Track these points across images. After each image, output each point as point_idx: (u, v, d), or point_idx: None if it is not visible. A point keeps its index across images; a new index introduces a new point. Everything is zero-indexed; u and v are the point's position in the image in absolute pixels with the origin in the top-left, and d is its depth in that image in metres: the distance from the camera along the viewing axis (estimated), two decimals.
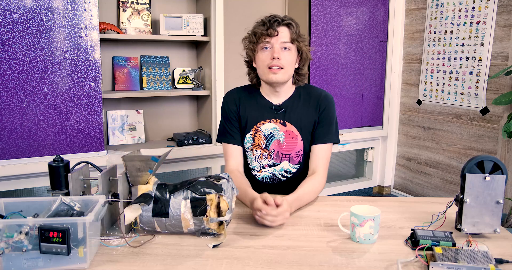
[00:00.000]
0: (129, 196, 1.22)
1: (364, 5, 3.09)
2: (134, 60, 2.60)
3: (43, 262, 0.98)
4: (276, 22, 1.45)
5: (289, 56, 1.47)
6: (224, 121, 1.60)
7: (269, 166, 1.58)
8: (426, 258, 1.02)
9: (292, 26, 1.47)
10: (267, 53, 1.47)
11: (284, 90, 1.55)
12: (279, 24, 1.45)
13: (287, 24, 1.46)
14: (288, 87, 1.56)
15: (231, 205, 1.15)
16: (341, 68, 3.08)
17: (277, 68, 1.46)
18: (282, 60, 1.45)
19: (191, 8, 2.77)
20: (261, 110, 1.56)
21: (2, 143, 2.05)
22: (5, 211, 1.08)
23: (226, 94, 1.64)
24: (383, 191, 3.55)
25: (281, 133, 1.55)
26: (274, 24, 1.45)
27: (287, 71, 1.48)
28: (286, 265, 1.02)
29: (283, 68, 1.46)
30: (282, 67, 1.46)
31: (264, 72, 1.49)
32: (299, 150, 1.56)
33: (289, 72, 1.49)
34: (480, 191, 1.14)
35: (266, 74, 1.48)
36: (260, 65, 1.49)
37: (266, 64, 1.46)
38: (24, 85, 2.05)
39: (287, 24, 1.46)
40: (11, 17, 1.97)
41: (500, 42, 2.59)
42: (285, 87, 1.55)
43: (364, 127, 3.27)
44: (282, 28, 1.46)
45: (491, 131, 2.69)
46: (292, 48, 1.48)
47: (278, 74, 1.46)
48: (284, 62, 1.46)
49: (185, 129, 2.88)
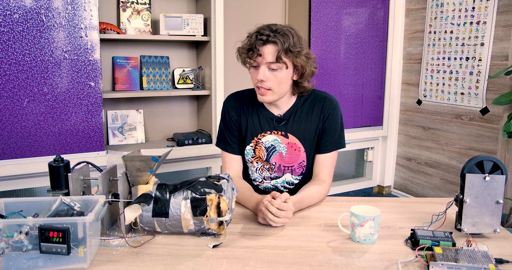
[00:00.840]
0: (129, 196, 1.22)
1: (364, 5, 3.09)
2: (134, 60, 2.60)
3: (43, 262, 0.98)
4: (260, 41, 1.33)
5: (278, 75, 1.37)
6: (223, 128, 1.56)
7: (270, 178, 1.55)
8: (426, 258, 1.02)
9: (279, 43, 1.32)
10: (256, 72, 1.39)
11: (282, 102, 1.48)
12: (264, 43, 1.33)
13: (272, 41, 1.32)
14: (287, 98, 1.49)
15: (231, 205, 1.15)
16: (341, 68, 3.09)
17: (264, 90, 1.39)
18: (268, 81, 1.37)
19: (191, 8, 2.77)
20: (262, 121, 1.51)
21: (2, 143, 2.05)
22: (5, 211, 1.08)
23: (227, 99, 1.57)
24: (383, 191, 3.55)
25: (283, 145, 1.50)
26: (258, 42, 1.33)
27: (275, 91, 1.40)
28: (286, 265, 1.02)
29: (270, 89, 1.39)
30: (269, 89, 1.38)
31: (255, 89, 1.44)
32: (301, 161, 1.52)
33: (279, 91, 1.41)
34: (480, 191, 1.14)
35: (256, 93, 1.43)
36: (252, 81, 1.43)
37: (255, 83, 1.41)
38: (24, 85, 2.05)
39: (273, 42, 1.32)
40: (11, 17, 1.97)
41: (500, 42, 2.59)
42: (283, 99, 1.48)
43: (364, 127, 3.27)
44: (267, 47, 1.33)
45: (491, 131, 2.69)
46: (281, 66, 1.35)
47: (265, 95, 1.40)
48: (271, 83, 1.37)
49: (185, 129, 2.88)
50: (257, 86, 1.40)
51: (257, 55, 1.35)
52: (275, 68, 1.36)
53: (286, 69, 1.37)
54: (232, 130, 1.54)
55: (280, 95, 1.43)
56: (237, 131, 1.54)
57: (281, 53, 1.33)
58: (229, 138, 1.54)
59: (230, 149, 1.54)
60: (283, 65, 1.36)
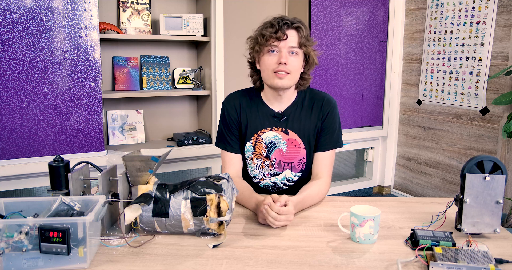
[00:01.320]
0: (129, 196, 1.22)
1: (364, 5, 3.09)
2: (134, 60, 2.60)
3: (43, 262, 0.98)
4: (286, 25, 1.39)
5: (296, 61, 1.43)
6: (223, 127, 1.56)
7: (270, 175, 1.56)
8: (426, 258, 1.02)
9: (301, 30, 1.41)
10: (273, 57, 1.41)
11: (287, 95, 1.51)
12: (289, 27, 1.40)
13: (296, 27, 1.41)
14: (291, 92, 1.52)
15: (231, 205, 1.15)
16: (341, 68, 3.09)
17: (283, 73, 1.41)
18: (289, 65, 1.40)
19: (191, 8, 2.77)
20: (262, 118, 1.53)
21: (2, 143, 2.05)
22: (5, 211, 1.08)
23: (226, 98, 1.59)
24: (383, 191, 3.55)
25: (283, 141, 1.52)
26: (284, 26, 1.39)
27: (293, 76, 1.43)
28: (286, 265, 1.02)
29: (289, 74, 1.41)
30: (289, 73, 1.41)
31: (269, 76, 1.43)
32: (301, 158, 1.53)
33: (295, 77, 1.45)
34: (480, 191, 1.14)
35: (272, 78, 1.43)
36: (265, 68, 1.44)
37: (272, 69, 1.41)
38: (24, 85, 2.05)
39: (297, 28, 1.41)
40: (11, 17, 1.97)
41: (500, 42, 2.59)
42: (289, 92, 1.51)
43: (364, 127, 3.27)
44: (291, 31, 1.40)
45: (491, 131, 2.69)
46: (299, 53, 1.43)
47: (284, 79, 1.41)
48: (291, 67, 1.41)
49: (185, 129, 2.88)
50: (277, 70, 1.42)
51: (282, 39, 1.39)
52: (296, 52, 1.42)
53: (301, 57, 1.45)
54: (231, 129, 1.55)
55: (293, 83, 1.48)
56: (236, 130, 1.55)
57: (303, 40, 1.42)
58: (228, 137, 1.55)
59: (229, 148, 1.55)
60: (301, 52, 1.44)
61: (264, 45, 1.42)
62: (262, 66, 1.47)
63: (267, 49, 1.42)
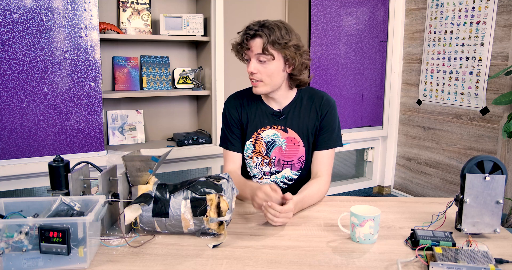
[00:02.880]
0: (129, 196, 1.22)
1: (364, 5, 3.09)
2: (134, 60, 2.60)
3: (43, 262, 0.98)
4: (247, 35, 1.40)
5: (268, 66, 1.41)
6: (225, 127, 1.59)
7: (270, 173, 1.57)
8: (426, 258, 1.02)
9: (264, 35, 1.37)
10: (247, 66, 1.45)
11: (280, 96, 1.52)
12: (251, 37, 1.39)
13: (259, 35, 1.38)
14: (284, 92, 1.52)
15: (231, 205, 1.15)
16: (341, 68, 3.08)
17: (255, 81, 1.44)
18: (259, 73, 1.42)
19: (191, 8, 2.77)
20: (262, 116, 1.54)
21: (2, 143, 2.05)
22: (5, 211, 1.08)
23: (227, 99, 1.62)
24: (383, 191, 3.55)
25: (282, 139, 1.53)
26: (245, 37, 1.41)
27: (267, 83, 1.44)
28: (286, 265, 1.02)
29: (261, 81, 1.43)
30: (261, 80, 1.43)
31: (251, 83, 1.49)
32: (300, 156, 1.54)
33: (271, 83, 1.44)
34: (480, 191, 1.14)
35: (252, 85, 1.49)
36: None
37: (249, 77, 1.46)
38: (24, 85, 2.05)
39: (259, 35, 1.38)
40: (11, 17, 1.97)
41: (500, 42, 2.59)
42: (280, 93, 1.51)
43: (364, 127, 3.27)
44: (255, 40, 1.39)
45: (491, 131, 2.69)
46: (269, 58, 1.39)
47: (258, 87, 1.45)
48: (262, 75, 1.42)
49: (185, 129, 2.88)
50: (250, 78, 1.46)
51: (246, 49, 1.42)
52: (263, 60, 1.41)
53: (274, 61, 1.41)
54: (232, 128, 1.57)
55: (273, 87, 1.47)
56: (237, 128, 1.57)
57: (267, 45, 1.38)
58: (230, 137, 1.57)
59: (231, 146, 1.57)
60: (270, 56, 1.40)
61: (239, 56, 1.47)
62: None
63: (243, 58, 1.47)
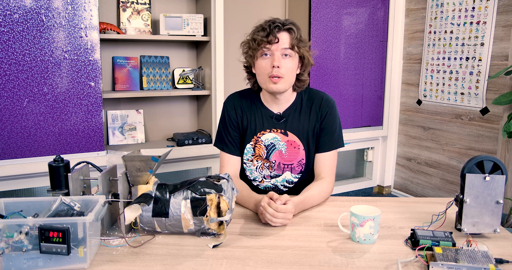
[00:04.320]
0: (129, 196, 1.22)
1: (364, 5, 3.09)
2: (134, 60, 2.60)
3: (43, 262, 0.98)
4: (277, 28, 1.38)
5: (290, 63, 1.41)
6: (222, 128, 1.56)
7: (270, 177, 1.55)
8: (426, 258, 1.02)
9: (293, 31, 1.40)
10: (267, 61, 1.41)
11: (284, 97, 1.51)
12: (280, 30, 1.39)
13: (288, 29, 1.39)
14: (289, 94, 1.51)
15: (231, 205, 1.15)
16: (341, 68, 3.08)
17: (277, 78, 1.40)
18: (283, 68, 1.39)
19: (191, 8, 2.77)
20: (262, 119, 1.53)
21: (2, 143, 2.05)
22: (5, 211, 1.08)
23: (227, 99, 1.59)
24: (383, 191, 3.55)
25: (282, 143, 1.51)
26: (275, 30, 1.38)
27: (287, 79, 1.43)
28: (286, 265, 1.02)
29: (283, 77, 1.41)
30: (283, 76, 1.40)
31: (265, 81, 1.43)
32: (301, 159, 1.53)
33: (290, 80, 1.44)
34: (480, 191, 1.14)
35: (267, 82, 1.43)
36: (260, 73, 1.44)
37: (267, 73, 1.41)
38: (24, 85, 2.05)
39: (288, 29, 1.40)
40: (11, 17, 1.97)
41: (500, 42, 2.59)
42: (286, 94, 1.50)
43: (364, 127, 3.27)
44: (283, 33, 1.39)
45: (491, 131, 2.69)
46: (293, 55, 1.41)
47: (279, 84, 1.41)
48: (285, 70, 1.40)
49: (185, 129, 2.88)
50: (271, 75, 1.41)
51: (273, 42, 1.38)
52: (289, 54, 1.41)
53: (295, 58, 1.43)
54: (230, 130, 1.55)
55: (289, 86, 1.47)
56: (235, 131, 1.55)
57: (295, 41, 1.40)
58: (226, 138, 1.55)
59: (226, 148, 1.55)
60: (295, 53, 1.42)
61: (257, 50, 1.41)
62: (257, 71, 1.46)
63: (260, 53, 1.42)
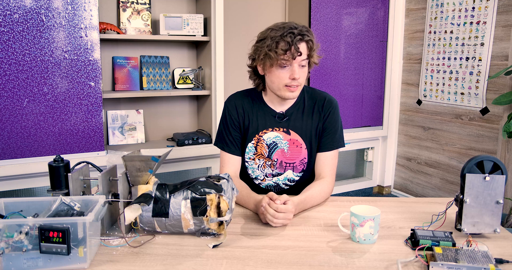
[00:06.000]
0: (129, 196, 1.22)
1: (364, 5, 3.09)
2: (134, 60, 2.60)
3: (43, 262, 0.98)
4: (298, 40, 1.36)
5: (305, 71, 1.44)
6: (223, 128, 1.56)
7: (272, 175, 1.56)
8: (426, 258, 1.02)
9: (310, 41, 1.40)
10: (285, 72, 1.40)
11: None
12: (301, 40, 1.37)
13: (307, 40, 1.39)
14: None
15: (231, 205, 1.15)
16: (341, 68, 3.08)
17: (295, 87, 1.42)
18: (300, 78, 1.41)
19: (191, 8, 2.77)
20: (264, 118, 1.53)
21: (2, 143, 2.05)
22: (5, 211, 1.08)
23: (228, 99, 1.59)
24: (383, 191, 3.55)
25: (285, 141, 1.52)
26: (297, 43, 1.36)
27: (302, 86, 1.48)
28: (286, 265, 1.02)
29: (299, 86, 1.44)
30: (299, 85, 1.43)
31: (280, 89, 1.43)
32: (303, 158, 1.53)
33: (303, 86, 1.49)
34: (480, 191, 1.14)
35: (282, 90, 1.43)
36: (276, 81, 1.42)
37: (284, 83, 1.41)
38: (24, 85, 2.05)
39: (307, 41, 1.39)
40: (11, 17, 1.97)
41: (500, 42, 2.59)
42: None
43: (364, 127, 3.27)
44: (302, 45, 1.38)
45: (491, 131, 2.69)
46: (307, 62, 1.44)
47: (295, 92, 1.44)
48: (302, 80, 1.43)
49: (185, 129, 2.88)
50: (290, 84, 1.41)
51: (297, 55, 1.37)
52: (304, 65, 1.42)
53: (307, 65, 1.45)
54: (231, 130, 1.55)
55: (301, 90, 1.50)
56: (236, 131, 1.55)
57: (311, 52, 1.42)
58: (227, 138, 1.55)
59: (227, 148, 1.55)
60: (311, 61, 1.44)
61: (276, 59, 1.38)
62: (271, 78, 1.44)
63: (278, 63, 1.39)
